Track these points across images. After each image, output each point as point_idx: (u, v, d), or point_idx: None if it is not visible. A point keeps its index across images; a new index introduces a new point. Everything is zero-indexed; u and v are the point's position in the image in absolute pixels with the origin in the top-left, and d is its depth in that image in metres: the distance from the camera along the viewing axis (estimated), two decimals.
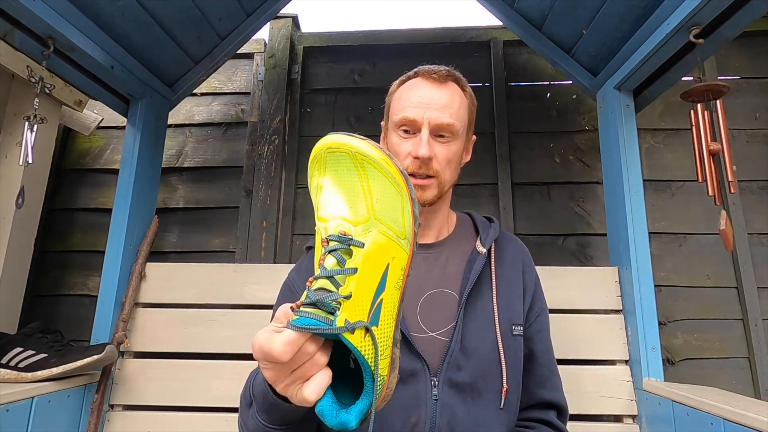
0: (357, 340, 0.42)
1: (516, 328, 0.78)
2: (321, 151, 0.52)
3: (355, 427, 0.43)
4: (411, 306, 0.76)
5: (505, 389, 0.73)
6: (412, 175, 0.76)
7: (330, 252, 0.46)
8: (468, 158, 0.86)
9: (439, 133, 0.77)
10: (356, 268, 0.45)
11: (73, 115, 1.65)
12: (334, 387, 0.46)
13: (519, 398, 0.77)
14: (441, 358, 0.72)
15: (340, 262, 0.45)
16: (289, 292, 0.82)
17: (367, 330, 0.43)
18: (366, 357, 0.42)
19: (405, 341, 0.72)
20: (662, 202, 1.60)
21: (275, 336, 0.42)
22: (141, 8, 1.16)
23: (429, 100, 0.76)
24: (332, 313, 0.42)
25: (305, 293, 0.44)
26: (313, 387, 0.43)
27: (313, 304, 0.42)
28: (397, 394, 0.69)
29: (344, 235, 0.47)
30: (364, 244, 0.46)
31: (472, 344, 0.73)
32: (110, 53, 1.18)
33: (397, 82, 0.84)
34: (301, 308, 0.42)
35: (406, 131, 0.78)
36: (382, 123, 0.87)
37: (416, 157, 0.75)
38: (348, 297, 0.43)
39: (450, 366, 0.72)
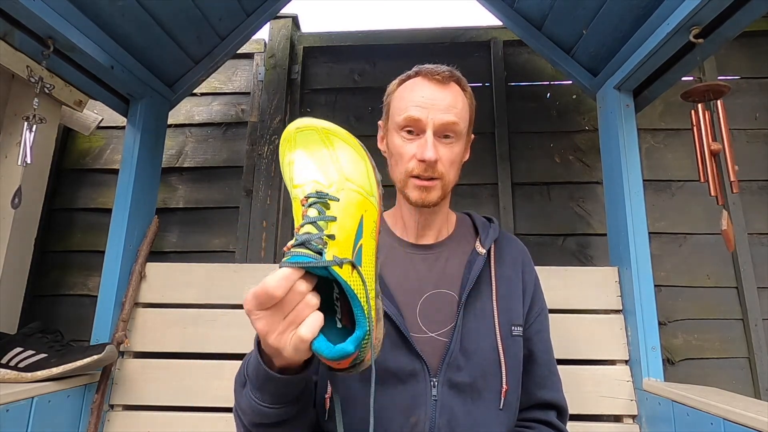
0: (346, 275, 0.46)
1: (515, 328, 0.78)
2: (291, 132, 0.59)
3: (353, 352, 0.46)
4: (411, 306, 0.76)
5: (504, 390, 0.73)
6: (417, 177, 0.76)
7: (310, 206, 0.51)
8: (467, 157, 0.86)
9: (443, 133, 0.76)
10: (335, 216, 0.50)
11: (73, 115, 1.65)
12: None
13: (518, 398, 0.77)
14: (440, 358, 0.72)
15: (321, 213, 0.50)
16: None
17: (354, 266, 0.48)
18: (355, 291, 0.47)
19: (404, 341, 0.72)
20: (662, 202, 1.60)
21: (268, 276, 0.44)
22: (141, 8, 1.16)
23: (433, 101, 0.76)
24: (320, 253, 0.46)
25: (294, 238, 0.48)
26: (308, 325, 0.46)
27: (302, 244, 0.47)
28: (396, 395, 0.70)
29: (321, 191, 0.52)
30: (339, 199, 0.52)
31: (472, 345, 0.73)
32: (110, 53, 1.18)
33: (396, 81, 0.83)
34: (292, 249, 0.47)
35: (409, 132, 0.77)
36: (380, 122, 0.86)
37: (421, 160, 0.74)
38: (332, 237, 0.48)
39: (449, 366, 0.72)
